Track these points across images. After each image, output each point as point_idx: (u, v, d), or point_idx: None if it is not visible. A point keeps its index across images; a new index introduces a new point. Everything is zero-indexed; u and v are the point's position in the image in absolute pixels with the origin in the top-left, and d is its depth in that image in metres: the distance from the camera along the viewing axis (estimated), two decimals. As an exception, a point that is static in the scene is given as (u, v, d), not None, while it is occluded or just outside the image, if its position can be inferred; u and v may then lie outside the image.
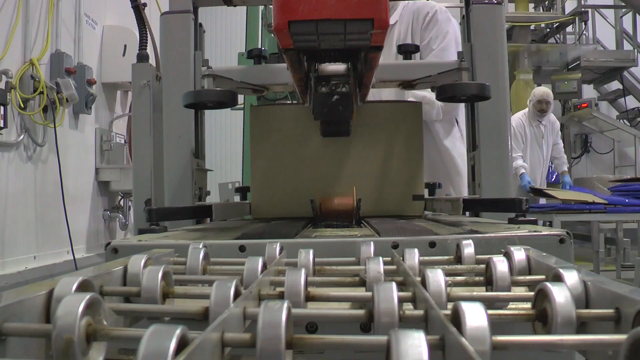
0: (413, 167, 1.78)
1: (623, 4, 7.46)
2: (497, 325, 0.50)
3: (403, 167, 1.77)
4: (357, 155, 1.77)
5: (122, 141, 5.73)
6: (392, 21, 2.88)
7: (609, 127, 7.88)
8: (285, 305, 0.46)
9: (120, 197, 5.53)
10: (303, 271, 0.66)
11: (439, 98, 1.55)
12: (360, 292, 0.70)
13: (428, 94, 2.44)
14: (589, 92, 8.75)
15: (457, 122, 2.79)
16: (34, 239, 4.14)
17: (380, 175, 1.76)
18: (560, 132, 6.26)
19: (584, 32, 8.02)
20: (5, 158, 3.85)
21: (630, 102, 8.39)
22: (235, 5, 1.88)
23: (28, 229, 4.08)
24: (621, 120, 8.30)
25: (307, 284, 0.66)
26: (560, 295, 0.54)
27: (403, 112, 1.81)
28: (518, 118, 5.86)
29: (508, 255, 0.82)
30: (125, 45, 5.23)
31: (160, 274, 0.68)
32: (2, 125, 3.67)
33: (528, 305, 0.61)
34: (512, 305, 0.73)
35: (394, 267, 0.84)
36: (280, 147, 1.78)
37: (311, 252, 0.86)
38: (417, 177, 1.78)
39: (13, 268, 3.80)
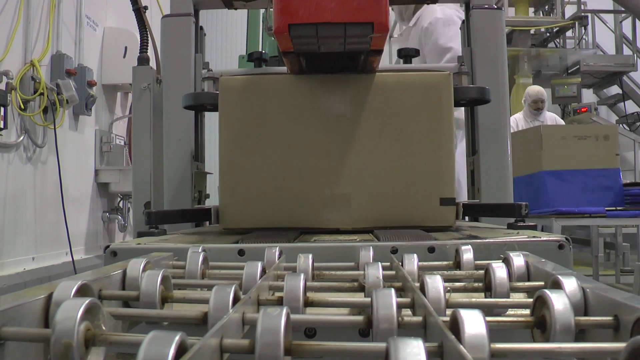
0: (440, 161, 1.32)
1: (623, 9, 7.47)
2: (495, 332, 0.50)
3: (427, 160, 1.32)
4: (365, 143, 1.32)
5: (122, 143, 5.73)
6: (411, 23, 2.94)
7: (608, 132, 7.88)
8: (284, 311, 0.46)
9: (119, 199, 5.52)
10: (302, 276, 0.66)
11: None
12: (359, 297, 0.70)
13: None
14: (588, 96, 8.76)
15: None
16: (32, 240, 4.14)
17: (396, 171, 1.32)
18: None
19: (584, 36, 8.04)
20: (5, 159, 3.85)
21: (630, 106, 8.40)
22: (236, 9, 1.89)
23: (27, 230, 4.08)
24: (621, 125, 8.30)
25: (306, 289, 0.66)
26: (559, 302, 0.54)
27: (427, 84, 1.34)
28: (513, 117, 5.89)
29: (507, 261, 0.82)
30: (125, 47, 5.24)
31: (159, 279, 0.68)
32: (2, 126, 3.67)
33: (527, 311, 0.61)
34: (510, 311, 0.73)
35: (392, 272, 0.84)
36: (260, 131, 1.33)
37: (310, 256, 0.86)
38: (446, 173, 1.32)
39: (11, 269, 3.80)
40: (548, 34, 8.17)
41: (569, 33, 8.23)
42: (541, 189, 3.98)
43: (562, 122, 6.19)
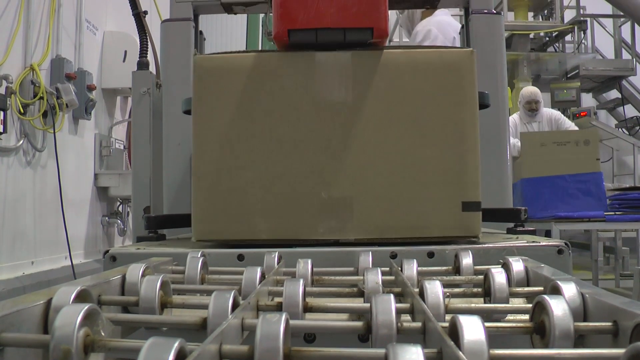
0: (462, 156, 1.10)
1: (622, 13, 7.49)
2: (494, 337, 0.51)
3: (446, 155, 1.10)
4: (370, 135, 1.11)
5: (122, 147, 5.73)
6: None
7: (607, 136, 7.90)
8: (284, 317, 0.46)
9: (118, 203, 5.52)
10: (301, 282, 0.66)
11: None
12: (358, 303, 0.70)
13: None
14: (587, 100, 8.78)
15: None
16: (32, 244, 4.13)
17: (408, 169, 1.10)
18: (565, 121, 5.99)
19: (583, 41, 8.06)
20: (5, 163, 3.85)
21: (629, 110, 8.42)
22: (235, 13, 1.89)
23: (26, 234, 4.07)
24: (620, 129, 8.32)
25: (305, 294, 0.66)
26: (558, 308, 0.54)
27: (446, 63, 1.12)
28: (511, 117, 5.85)
29: (506, 266, 0.82)
30: (125, 51, 5.24)
31: (158, 284, 0.68)
32: (1, 130, 3.67)
33: (526, 317, 0.61)
34: (510, 316, 0.74)
35: (392, 277, 0.84)
36: (241, 122, 1.12)
37: (309, 262, 0.86)
38: (469, 171, 1.10)
39: (10, 273, 3.79)
40: (547, 39, 8.19)
41: (568, 37, 8.25)
42: (522, 195, 3.99)
43: (561, 116, 6.03)
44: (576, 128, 5.83)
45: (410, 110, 1.11)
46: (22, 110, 3.93)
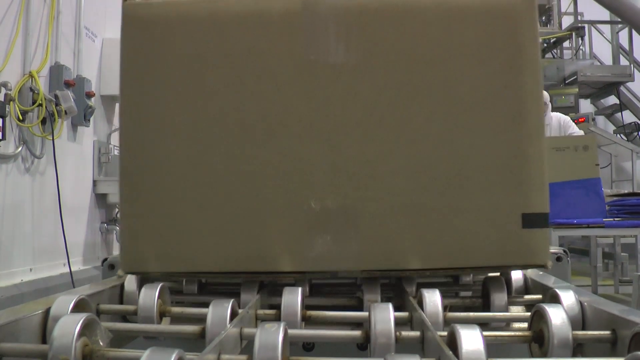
0: (521, 146, 0.75)
1: (619, 19, 7.52)
2: (493, 346, 0.51)
3: (496, 145, 0.75)
4: (382, 115, 0.76)
5: (120, 153, 5.73)
6: None
7: (606, 142, 7.91)
8: (282, 327, 0.46)
9: (117, 210, 5.52)
10: (300, 290, 0.66)
11: None
12: (357, 311, 0.70)
13: None
14: (586, 106, 8.81)
15: None
16: (30, 251, 4.13)
17: (439, 164, 0.75)
18: (573, 127, 5.95)
19: (581, 47, 8.10)
20: (3, 170, 3.85)
21: (627, 116, 8.45)
22: (234, 21, 1.89)
23: (24, 241, 4.07)
24: (618, 135, 8.34)
25: (304, 303, 0.66)
26: (557, 317, 0.54)
27: (495, 10, 0.76)
28: None
29: (505, 274, 0.82)
30: (124, 58, 5.25)
31: (156, 293, 0.68)
32: (0, 137, 3.67)
33: (525, 325, 0.61)
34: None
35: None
36: (193, 97, 0.77)
37: (308, 270, 0.86)
38: (532, 169, 0.75)
39: (8, 281, 3.78)
40: (545, 45, 8.23)
41: (566, 44, 8.30)
42: None
43: (567, 120, 6.01)
44: (581, 133, 5.81)
45: (443, 77, 0.75)
46: (20, 117, 3.93)
